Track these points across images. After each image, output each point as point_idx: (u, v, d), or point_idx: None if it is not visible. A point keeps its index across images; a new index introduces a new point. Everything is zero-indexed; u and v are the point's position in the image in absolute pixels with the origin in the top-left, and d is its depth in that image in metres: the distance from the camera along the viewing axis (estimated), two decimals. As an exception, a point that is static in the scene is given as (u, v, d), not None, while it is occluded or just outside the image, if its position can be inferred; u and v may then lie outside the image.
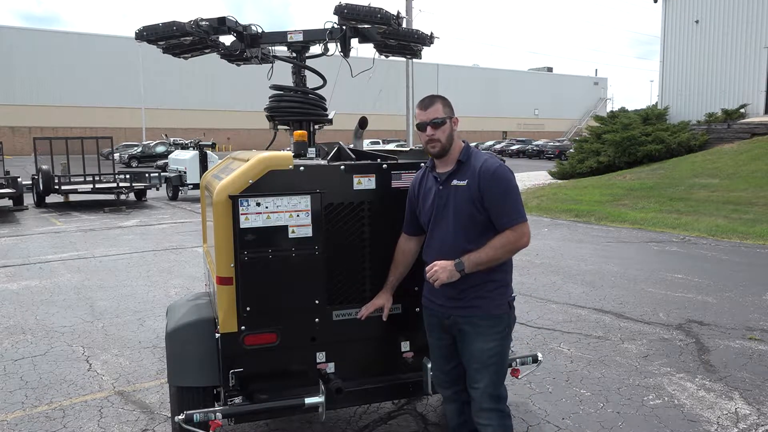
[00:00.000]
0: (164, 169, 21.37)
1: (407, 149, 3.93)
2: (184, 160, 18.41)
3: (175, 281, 7.68)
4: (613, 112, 24.52)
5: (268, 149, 3.74)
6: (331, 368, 3.04)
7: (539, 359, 3.42)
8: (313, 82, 3.98)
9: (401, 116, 27.56)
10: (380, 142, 40.33)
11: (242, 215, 2.77)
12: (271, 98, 3.88)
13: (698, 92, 23.18)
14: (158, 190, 18.88)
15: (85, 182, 16.74)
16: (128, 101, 51.82)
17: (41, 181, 16.07)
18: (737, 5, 21.99)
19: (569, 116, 76.16)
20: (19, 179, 15.82)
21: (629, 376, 4.49)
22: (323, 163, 3.15)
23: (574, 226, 12.17)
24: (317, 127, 3.98)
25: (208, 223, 3.67)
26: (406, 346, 3.20)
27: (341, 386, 2.85)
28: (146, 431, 3.74)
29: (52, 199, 16.92)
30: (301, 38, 3.80)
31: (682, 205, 13.23)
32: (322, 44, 3.88)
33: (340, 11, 3.60)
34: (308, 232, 2.87)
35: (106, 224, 13.20)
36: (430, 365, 3.07)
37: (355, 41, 3.94)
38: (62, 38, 52.51)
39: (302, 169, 2.91)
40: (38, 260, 9.10)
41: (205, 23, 3.66)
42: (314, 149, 3.63)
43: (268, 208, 2.80)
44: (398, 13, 3.78)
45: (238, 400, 2.88)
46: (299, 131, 3.66)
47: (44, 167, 16.20)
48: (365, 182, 3.01)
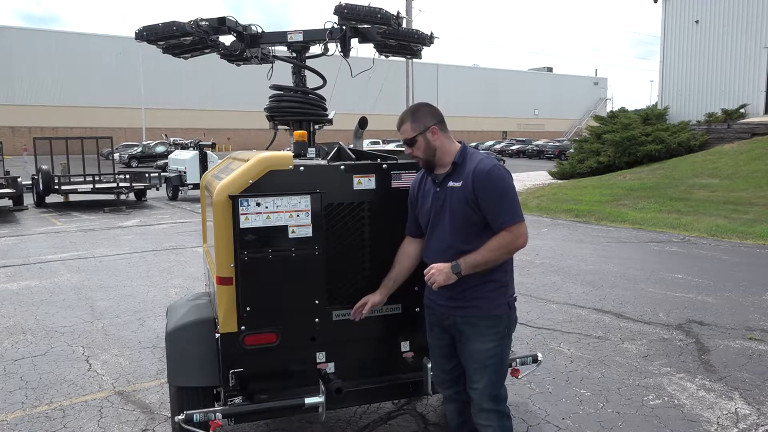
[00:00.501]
0: (164, 169, 21.38)
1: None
2: (184, 160, 18.43)
3: (175, 281, 7.68)
4: (613, 112, 24.53)
5: (268, 149, 3.74)
6: (331, 368, 3.03)
7: (539, 359, 3.42)
8: (313, 82, 3.98)
9: (401, 116, 27.47)
10: (380, 142, 40.30)
11: (242, 215, 2.77)
12: (271, 98, 3.88)
13: (698, 92, 23.19)
14: (158, 190, 18.89)
15: (85, 182, 16.75)
16: (128, 101, 51.80)
17: (41, 181, 16.07)
18: (737, 5, 22.00)
19: (569, 116, 76.13)
20: (19, 179, 15.83)
21: (629, 376, 4.49)
22: (323, 163, 3.15)
23: (574, 226, 12.17)
24: (317, 127, 3.98)
25: (208, 223, 3.67)
26: (406, 346, 3.20)
27: (341, 386, 2.84)
28: (146, 431, 3.74)
29: (52, 199, 16.92)
30: (301, 38, 3.79)
31: (682, 205, 13.23)
32: (322, 44, 3.88)
33: (340, 11, 3.60)
34: (308, 232, 2.87)
35: (106, 224, 13.20)
36: (430, 365, 3.07)
37: (355, 41, 3.94)
38: (62, 38, 52.49)
39: (302, 169, 2.91)
40: (38, 260, 9.10)
41: (205, 23, 3.66)
42: (314, 149, 3.63)
43: (268, 208, 2.80)
44: (398, 13, 3.78)
45: (238, 400, 2.88)
46: (299, 131, 3.66)
47: (44, 167, 16.20)
48: (365, 182, 3.01)
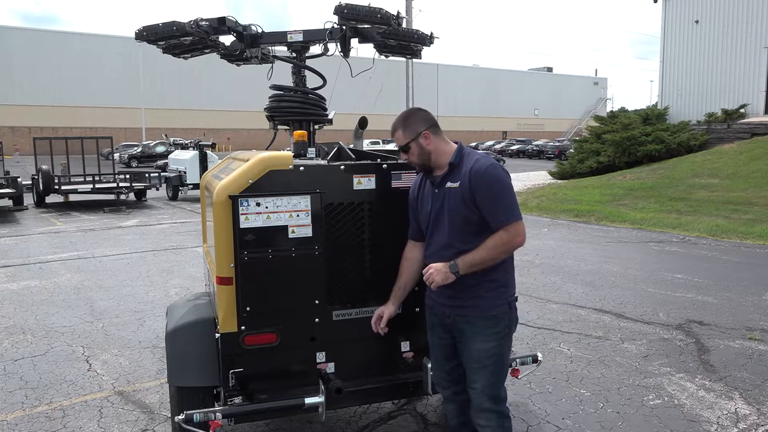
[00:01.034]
0: (164, 169, 21.38)
1: None
2: (184, 160, 18.43)
3: (175, 281, 7.68)
4: (613, 112, 24.55)
5: (268, 149, 3.74)
6: (331, 368, 3.03)
7: (539, 359, 3.42)
8: (313, 82, 3.98)
9: (401, 116, 27.46)
10: (380, 142, 40.27)
11: (242, 215, 2.77)
12: (271, 98, 3.88)
13: (698, 92, 23.20)
14: (158, 190, 18.88)
15: (85, 182, 16.75)
16: (128, 101, 51.80)
17: (41, 181, 16.07)
18: (737, 5, 22.00)
19: (569, 116, 76.11)
20: (19, 179, 15.83)
21: (629, 376, 4.49)
22: (323, 163, 3.15)
23: (574, 226, 12.17)
24: (317, 127, 3.98)
25: (208, 223, 3.67)
26: (406, 346, 3.19)
27: (341, 386, 2.84)
28: (146, 431, 3.74)
29: (52, 199, 16.92)
30: (301, 38, 3.79)
31: (682, 205, 13.23)
32: (322, 44, 3.88)
33: (340, 11, 3.60)
34: (308, 232, 2.87)
35: (106, 224, 13.20)
36: (430, 365, 3.07)
37: (355, 41, 3.94)
38: (62, 38, 52.48)
39: (302, 169, 2.91)
40: (38, 260, 9.10)
41: (205, 23, 3.66)
42: (314, 149, 3.63)
43: (268, 208, 2.80)
44: (398, 13, 3.78)
45: (238, 400, 2.87)
46: (299, 131, 3.66)
47: (44, 167, 16.20)
48: (365, 182, 3.01)
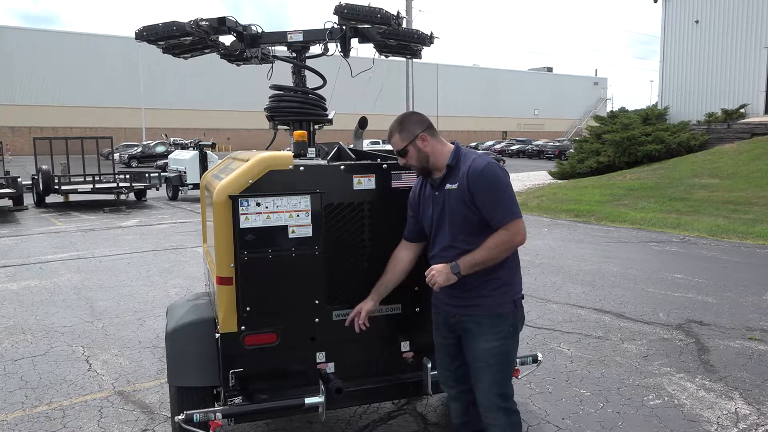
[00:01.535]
0: (164, 169, 21.38)
1: None
2: (184, 160, 18.43)
3: (175, 281, 7.68)
4: (613, 112, 24.55)
5: (268, 149, 3.74)
6: (331, 368, 3.03)
7: (539, 359, 3.42)
8: (313, 82, 3.98)
9: (401, 116, 27.46)
10: (380, 142, 40.25)
11: (242, 215, 2.77)
12: (271, 98, 3.88)
13: (698, 92, 23.20)
14: (158, 190, 18.89)
15: (85, 182, 16.75)
16: (128, 101, 51.80)
17: (41, 181, 16.07)
18: (737, 5, 22.01)
19: (569, 116, 76.12)
20: (19, 179, 15.83)
21: (629, 376, 4.49)
22: (323, 163, 3.15)
23: (574, 226, 12.17)
24: (317, 127, 3.98)
25: (208, 223, 3.67)
26: (406, 346, 3.19)
27: (341, 386, 2.84)
28: (146, 431, 3.74)
29: (52, 199, 16.92)
30: (301, 38, 3.79)
31: (682, 205, 13.23)
32: (322, 44, 3.88)
33: (340, 11, 3.59)
34: (308, 232, 2.87)
35: (106, 224, 13.20)
36: (430, 365, 3.08)
37: (355, 41, 3.94)
38: (62, 38, 52.48)
39: (302, 169, 2.91)
40: (38, 260, 9.10)
41: (205, 23, 3.66)
42: (314, 149, 3.63)
43: (268, 208, 2.80)
44: (398, 13, 3.78)
45: (238, 400, 2.88)
46: (299, 131, 3.66)
47: (44, 167, 16.20)
48: (365, 182, 3.01)
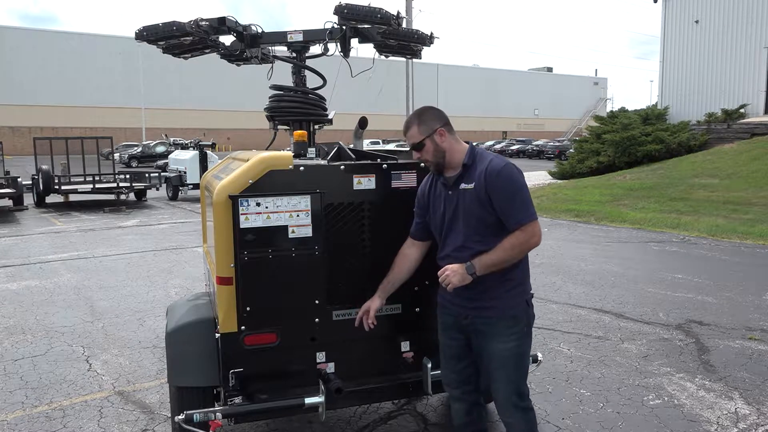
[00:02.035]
0: (164, 169, 21.39)
1: (407, 149, 3.92)
2: (184, 160, 18.43)
3: (175, 281, 7.68)
4: (613, 112, 24.53)
5: (268, 149, 3.74)
6: (331, 368, 3.03)
7: (539, 359, 3.41)
8: (313, 82, 3.98)
9: (401, 116, 27.48)
10: (380, 142, 40.32)
11: (242, 215, 2.77)
12: (271, 98, 3.88)
13: (698, 92, 23.20)
14: (158, 190, 18.89)
15: (85, 182, 16.76)
16: (128, 101, 51.80)
17: (41, 181, 16.08)
18: (737, 5, 22.01)
19: (569, 116, 76.11)
20: (19, 179, 15.84)
21: (629, 376, 4.49)
22: (323, 163, 3.15)
23: (574, 226, 12.17)
24: (317, 127, 3.98)
25: (208, 223, 3.67)
26: (406, 346, 3.19)
27: (341, 386, 2.84)
28: (146, 431, 3.74)
29: (52, 199, 16.92)
30: (301, 38, 3.79)
31: (682, 205, 13.23)
32: (322, 44, 3.88)
33: (340, 11, 3.60)
34: (308, 232, 2.87)
35: (106, 224, 13.20)
36: (430, 365, 3.07)
37: (355, 41, 3.94)
38: (62, 38, 52.47)
39: (302, 169, 2.91)
40: (38, 260, 9.10)
41: (205, 23, 3.66)
42: (314, 149, 3.63)
43: (268, 208, 2.80)
44: (398, 13, 3.78)
45: (238, 400, 2.87)
46: (299, 131, 3.65)
47: (44, 167, 16.21)
48: (365, 182, 3.01)
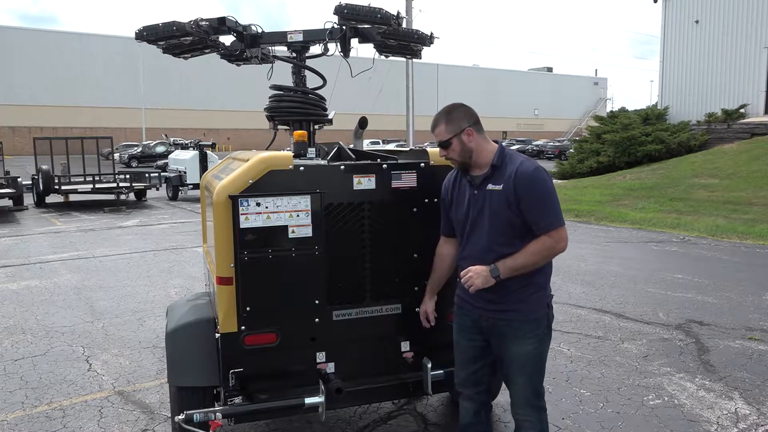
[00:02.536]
0: (164, 169, 21.39)
1: (407, 149, 3.92)
2: (184, 160, 18.44)
3: (175, 281, 7.68)
4: (613, 112, 24.56)
5: (268, 149, 3.74)
6: (331, 368, 3.03)
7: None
8: (313, 82, 3.98)
9: (401, 116, 27.53)
10: (380, 142, 40.35)
11: (242, 215, 2.77)
12: (271, 98, 3.88)
13: (698, 92, 23.20)
14: (158, 190, 18.89)
15: (85, 182, 16.76)
16: (128, 101, 51.79)
17: (41, 181, 16.08)
18: (737, 5, 22.01)
19: (569, 116, 76.10)
20: (19, 179, 15.84)
21: (629, 376, 4.49)
22: (323, 163, 3.15)
23: (574, 226, 12.16)
24: (317, 127, 3.98)
25: (208, 223, 3.67)
26: (406, 346, 3.19)
27: (341, 386, 2.84)
28: (146, 431, 3.74)
29: (52, 199, 16.92)
30: (301, 38, 3.79)
31: (682, 205, 13.24)
32: (322, 44, 3.88)
33: (340, 11, 3.60)
34: (308, 232, 2.87)
35: (106, 224, 13.20)
36: (430, 365, 3.08)
37: (355, 41, 3.94)
38: (62, 38, 52.46)
39: (302, 169, 2.91)
40: (38, 260, 9.10)
41: (205, 23, 3.66)
42: (314, 149, 3.63)
43: (268, 208, 2.80)
44: (398, 13, 3.78)
45: (238, 400, 2.88)
46: (299, 131, 3.66)
47: (44, 167, 16.21)
48: (365, 182, 3.01)
